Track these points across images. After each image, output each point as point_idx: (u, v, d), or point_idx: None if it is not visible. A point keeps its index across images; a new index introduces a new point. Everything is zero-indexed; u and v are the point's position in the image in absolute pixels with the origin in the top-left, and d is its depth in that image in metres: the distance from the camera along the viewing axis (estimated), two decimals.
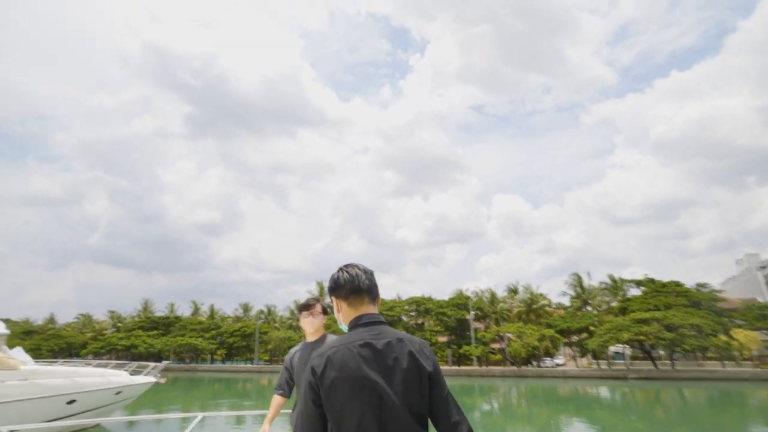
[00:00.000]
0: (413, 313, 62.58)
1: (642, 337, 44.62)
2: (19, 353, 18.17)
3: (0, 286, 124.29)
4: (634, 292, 55.59)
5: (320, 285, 73.93)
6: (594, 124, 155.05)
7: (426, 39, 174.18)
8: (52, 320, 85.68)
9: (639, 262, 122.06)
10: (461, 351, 57.36)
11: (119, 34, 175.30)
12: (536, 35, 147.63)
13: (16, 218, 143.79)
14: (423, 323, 62.13)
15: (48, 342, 69.05)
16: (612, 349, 51.67)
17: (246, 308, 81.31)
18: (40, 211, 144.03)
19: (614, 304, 55.49)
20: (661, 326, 43.92)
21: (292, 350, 3.19)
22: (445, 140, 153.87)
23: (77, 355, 68.67)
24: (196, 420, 3.81)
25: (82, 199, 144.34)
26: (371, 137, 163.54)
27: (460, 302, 59.89)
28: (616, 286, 57.28)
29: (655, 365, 47.84)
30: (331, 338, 3.13)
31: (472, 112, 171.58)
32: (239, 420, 17.94)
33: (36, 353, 62.19)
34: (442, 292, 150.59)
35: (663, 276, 56.95)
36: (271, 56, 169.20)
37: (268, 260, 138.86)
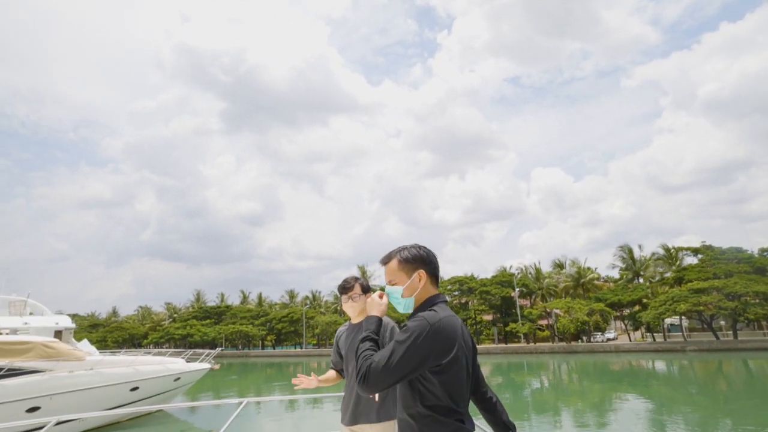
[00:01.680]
0: (456, 293, 62.22)
1: (701, 308, 42.41)
2: (85, 345, 19.43)
3: (67, 284, 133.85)
4: (690, 261, 52.78)
5: (362, 269, 74.77)
6: (637, 87, 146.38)
7: (452, 15, 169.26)
8: (115, 313, 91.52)
9: (693, 230, 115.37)
10: (507, 329, 56.67)
11: (153, 38, 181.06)
12: None
13: (75, 221, 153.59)
14: (467, 302, 61.71)
15: (112, 334, 73.88)
16: (668, 321, 49.48)
17: (292, 295, 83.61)
18: (96, 212, 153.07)
19: (668, 274, 52.89)
20: (721, 295, 41.55)
21: (339, 330, 3.09)
22: (479, 116, 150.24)
23: (139, 345, 73.20)
24: (242, 405, 3.79)
25: (132, 199, 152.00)
26: (403, 119, 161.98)
27: (504, 279, 58.93)
28: (670, 255, 54.48)
29: (716, 336, 45.44)
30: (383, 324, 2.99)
31: (507, 85, 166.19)
32: (291, 403, 18.47)
33: (102, 345, 66.74)
34: (484, 270, 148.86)
35: (721, 243, 53.56)
36: (298, 46, 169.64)
37: (310, 247, 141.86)
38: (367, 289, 2.95)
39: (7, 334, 15.17)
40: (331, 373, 3.04)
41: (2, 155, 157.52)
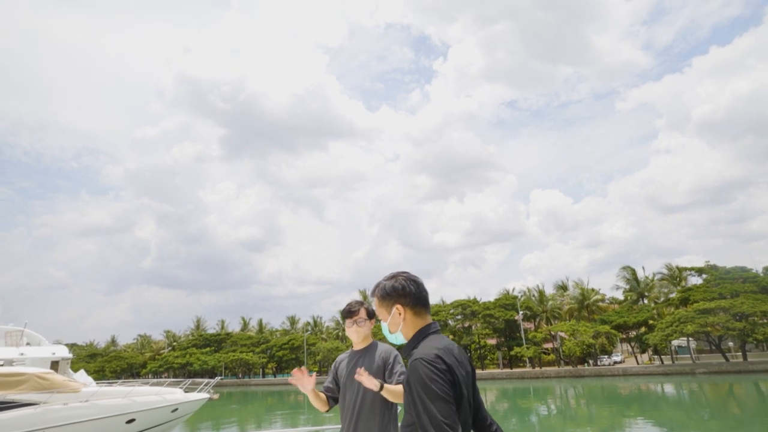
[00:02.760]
0: (459, 317, 61.41)
1: (708, 329, 41.71)
2: (81, 376, 19.05)
3: (65, 312, 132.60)
4: (695, 281, 52.25)
5: (363, 294, 74.01)
6: (631, 110, 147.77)
7: (447, 43, 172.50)
8: (113, 342, 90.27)
9: (695, 249, 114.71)
10: (512, 353, 55.66)
11: (155, 68, 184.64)
12: (560, 25, 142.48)
13: (75, 249, 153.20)
14: (470, 326, 60.81)
15: (110, 363, 72.66)
16: (675, 343, 48.62)
17: (293, 321, 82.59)
18: (96, 240, 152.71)
19: (673, 295, 52.26)
20: (729, 316, 40.93)
21: (340, 357, 2.97)
22: (477, 140, 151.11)
23: (138, 375, 71.86)
24: None
25: (132, 226, 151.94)
26: (400, 143, 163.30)
27: (507, 302, 58.24)
28: (674, 275, 53.98)
29: (725, 358, 44.56)
30: (383, 346, 2.87)
31: (504, 108, 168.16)
32: None
33: (100, 375, 65.57)
34: (486, 293, 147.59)
35: (724, 263, 53.19)
36: (297, 74, 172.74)
37: (310, 272, 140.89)
38: (372, 315, 2.84)
39: (2, 365, 14.89)
40: (322, 396, 2.84)
41: (5, 184, 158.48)
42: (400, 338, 1.83)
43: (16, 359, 17.03)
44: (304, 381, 2.62)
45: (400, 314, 1.79)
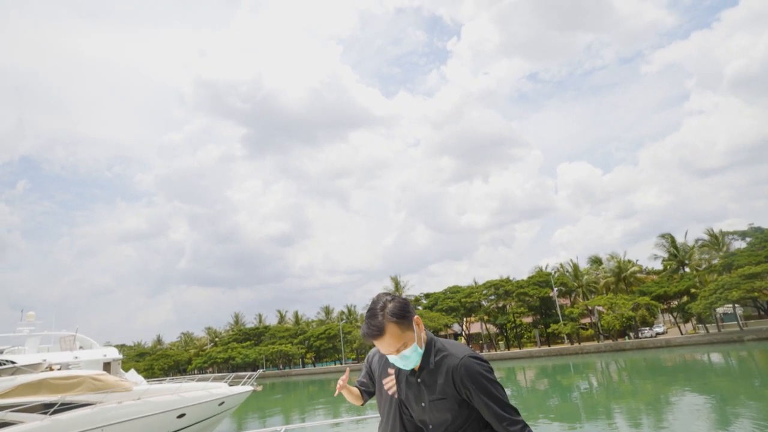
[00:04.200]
0: (492, 297, 61.04)
1: (755, 294, 40.09)
2: (132, 375, 19.94)
3: (112, 316, 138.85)
4: (738, 245, 50.12)
5: (395, 280, 74.49)
6: (659, 72, 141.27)
7: (459, 22, 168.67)
8: (159, 341, 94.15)
9: (736, 213, 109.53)
10: (549, 330, 55.04)
11: (173, 74, 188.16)
12: None
13: (116, 255, 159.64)
14: (504, 306, 60.40)
15: (158, 362, 75.91)
16: (720, 310, 46.90)
17: (327, 311, 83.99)
18: (134, 245, 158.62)
19: (716, 261, 50.29)
20: None
21: (372, 350, 2.97)
22: (498, 117, 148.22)
23: (184, 371, 74.87)
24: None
25: (167, 230, 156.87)
26: (420, 127, 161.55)
27: (541, 280, 57.45)
28: (716, 241, 51.88)
29: None
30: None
31: (525, 82, 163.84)
32: (333, 425, 18.37)
33: (149, 373, 68.62)
34: (519, 272, 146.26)
35: None
36: (312, 67, 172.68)
37: (341, 262, 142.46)
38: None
39: (59, 369, 15.76)
40: (355, 391, 2.89)
41: (47, 198, 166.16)
42: (420, 356, 1.73)
43: (72, 363, 17.96)
44: (343, 388, 2.68)
45: (420, 326, 1.74)
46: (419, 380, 1.76)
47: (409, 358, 1.69)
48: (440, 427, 1.71)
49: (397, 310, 1.67)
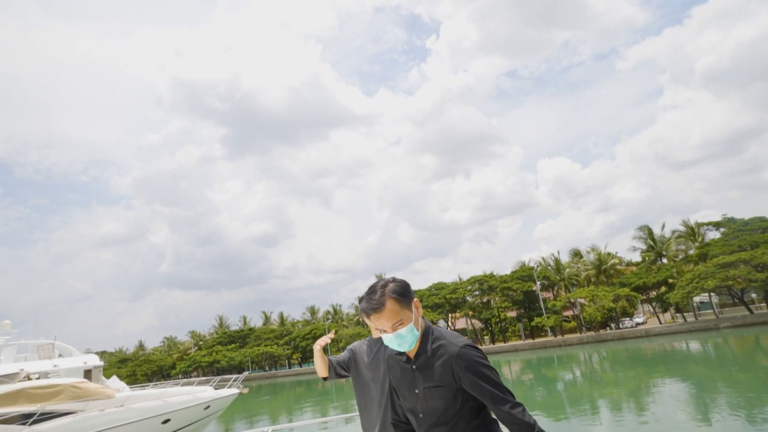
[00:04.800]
0: (477, 293, 61.60)
1: (730, 282, 41.35)
2: (114, 382, 19.54)
3: (92, 322, 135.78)
4: (713, 235, 51.56)
5: (379, 277, 74.30)
6: (633, 68, 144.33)
7: (437, 20, 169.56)
8: (141, 347, 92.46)
9: (711, 204, 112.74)
10: (533, 323, 55.86)
11: (149, 75, 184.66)
12: None
13: (94, 260, 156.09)
14: (489, 301, 61.03)
15: (141, 367, 74.53)
16: (697, 299, 48.28)
17: (313, 311, 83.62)
18: (113, 249, 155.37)
19: (692, 251, 51.67)
20: (750, 267, 40.45)
21: (358, 344, 2.97)
22: (478, 114, 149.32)
23: (168, 376, 73.69)
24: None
25: (146, 233, 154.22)
26: (401, 126, 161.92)
27: (524, 274, 58.20)
28: (691, 232, 53.29)
29: (749, 310, 44.16)
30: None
31: (505, 79, 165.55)
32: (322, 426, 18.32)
33: (132, 379, 67.34)
34: (502, 267, 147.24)
35: (742, 215, 52.23)
36: (291, 67, 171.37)
37: (325, 262, 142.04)
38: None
39: (37, 378, 15.34)
40: (326, 361, 2.82)
41: (20, 203, 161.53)
42: (416, 340, 1.74)
43: (51, 371, 17.52)
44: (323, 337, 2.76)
45: (419, 310, 1.77)
46: (414, 367, 1.75)
47: (404, 337, 1.69)
48: (431, 415, 1.72)
49: (398, 289, 1.71)
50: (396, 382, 1.87)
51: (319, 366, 2.81)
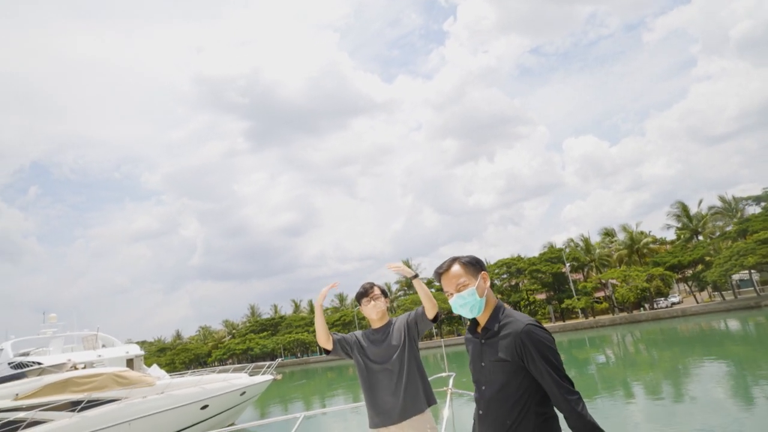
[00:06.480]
0: (505, 276, 61.05)
1: None
2: (155, 370, 20.40)
3: (132, 313, 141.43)
4: (753, 210, 49.33)
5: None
6: (663, 38, 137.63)
7: (454, 2, 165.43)
8: (178, 336, 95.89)
9: (750, 178, 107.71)
10: (563, 306, 55.05)
11: (171, 72, 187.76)
12: None
13: (129, 254, 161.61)
14: (517, 284, 60.42)
15: (179, 356, 77.44)
16: (736, 277, 46.46)
17: (341, 298, 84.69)
18: (146, 244, 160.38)
19: (730, 228, 49.63)
20: None
21: (357, 333, 3.08)
22: (500, 96, 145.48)
23: (205, 364, 76.31)
24: (300, 420, 3.81)
25: (177, 227, 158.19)
26: (421, 111, 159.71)
27: (553, 256, 57.22)
28: (729, 207, 51.10)
29: None
30: (398, 319, 2.99)
31: (529, 57, 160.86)
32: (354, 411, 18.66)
33: (171, 367, 70.06)
34: (529, 249, 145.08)
35: None
36: (309, 57, 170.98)
37: (351, 250, 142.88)
38: (385, 293, 3.04)
39: (83, 367, 16.15)
40: (326, 330, 2.98)
41: (59, 201, 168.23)
42: (481, 307, 1.86)
43: (96, 361, 18.43)
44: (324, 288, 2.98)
45: (485, 281, 1.88)
46: (483, 341, 1.86)
47: (465, 299, 1.84)
48: (492, 387, 1.79)
49: (467, 257, 1.91)
50: (470, 357, 1.99)
51: (320, 326, 2.94)
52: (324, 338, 2.95)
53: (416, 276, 2.78)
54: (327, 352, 3.03)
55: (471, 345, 1.97)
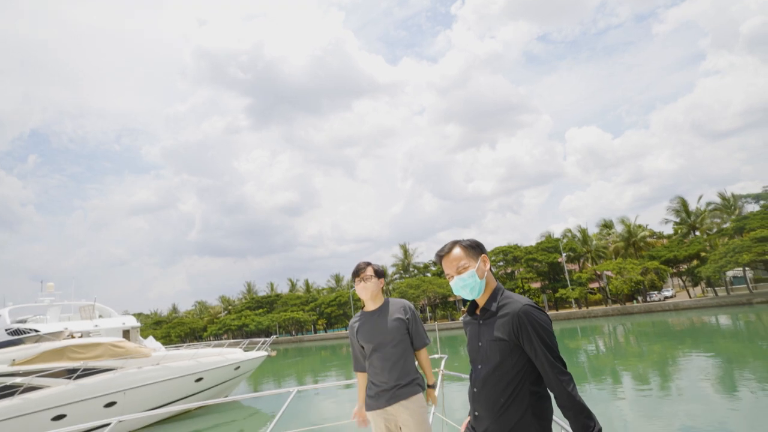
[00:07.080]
0: (501, 263, 61.42)
1: (767, 257, 39.84)
2: (151, 342, 20.60)
3: (129, 286, 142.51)
4: (751, 208, 49.46)
5: (404, 248, 75.01)
6: (673, 30, 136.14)
7: None
8: (175, 310, 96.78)
9: (751, 175, 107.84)
10: (557, 295, 55.55)
11: (174, 45, 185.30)
12: None
13: (127, 227, 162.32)
14: (513, 272, 60.85)
15: (175, 329, 78.27)
16: (730, 273, 46.84)
17: (337, 279, 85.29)
18: (145, 217, 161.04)
19: (727, 225, 49.82)
20: None
21: (352, 321, 3.06)
22: (505, 83, 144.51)
23: (200, 338, 77.24)
24: (292, 394, 3.87)
25: (176, 201, 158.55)
26: (425, 94, 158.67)
27: (550, 245, 57.52)
28: (728, 204, 51.20)
29: None
30: (396, 301, 2.98)
31: (536, 44, 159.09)
32: (347, 387, 18.95)
33: (166, 340, 70.91)
34: (527, 238, 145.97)
35: None
36: (313, 35, 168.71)
37: (349, 231, 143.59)
38: (380, 274, 3.01)
39: (80, 336, 16.32)
40: (363, 381, 3.03)
41: (58, 171, 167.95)
42: (481, 288, 1.90)
43: (92, 330, 18.60)
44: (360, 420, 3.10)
45: (485, 264, 1.93)
46: (481, 322, 1.91)
47: (465, 281, 1.88)
48: (487, 366, 1.83)
49: (468, 241, 1.98)
50: (468, 338, 2.03)
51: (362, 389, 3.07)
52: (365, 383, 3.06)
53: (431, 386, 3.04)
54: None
55: (469, 327, 2.00)
